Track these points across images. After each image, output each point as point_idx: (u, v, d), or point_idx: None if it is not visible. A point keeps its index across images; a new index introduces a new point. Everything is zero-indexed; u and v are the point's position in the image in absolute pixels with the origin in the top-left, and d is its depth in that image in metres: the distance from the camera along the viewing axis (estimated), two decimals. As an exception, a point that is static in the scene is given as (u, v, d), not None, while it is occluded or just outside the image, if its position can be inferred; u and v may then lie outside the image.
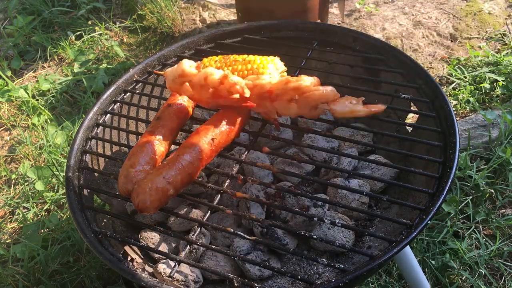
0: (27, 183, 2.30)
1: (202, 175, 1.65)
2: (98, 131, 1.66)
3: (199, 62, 1.35)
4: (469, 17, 3.12)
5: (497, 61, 2.79)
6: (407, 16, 3.15)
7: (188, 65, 1.34)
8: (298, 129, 1.70)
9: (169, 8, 3.18)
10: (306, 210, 1.43)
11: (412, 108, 1.66)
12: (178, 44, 1.91)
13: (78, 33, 3.18)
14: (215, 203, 1.39)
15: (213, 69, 1.34)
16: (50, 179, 2.29)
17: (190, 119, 1.69)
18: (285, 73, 1.64)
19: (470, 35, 3.01)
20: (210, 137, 1.40)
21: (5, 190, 2.33)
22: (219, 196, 1.40)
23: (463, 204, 2.11)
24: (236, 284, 1.20)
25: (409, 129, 1.71)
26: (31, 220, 2.15)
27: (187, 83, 1.38)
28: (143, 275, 1.24)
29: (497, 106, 2.53)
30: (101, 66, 2.90)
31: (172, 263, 1.32)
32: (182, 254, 1.31)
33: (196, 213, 1.52)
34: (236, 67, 1.58)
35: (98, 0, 3.36)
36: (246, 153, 1.50)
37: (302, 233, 1.25)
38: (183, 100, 1.55)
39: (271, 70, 1.56)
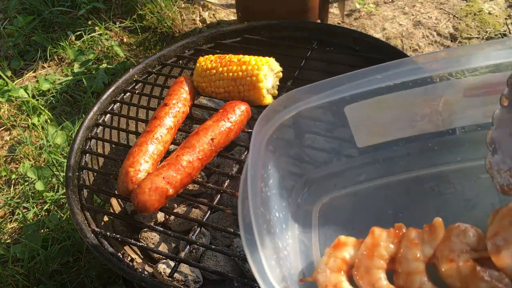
0: (27, 183, 2.30)
1: (202, 175, 1.65)
2: (98, 131, 1.66)
3: None
4: (469, 17, 3.12)
5: (497, 61, 2.79)
6: (407, 16, 3.15)
7: None
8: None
9: (169, 8, 3.18)
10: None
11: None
12: (178, 44, 1.92)
13: (78, 33, 3.17)
14: (215, 203, 1.39)
15: None
16: (50, 179, 2.28)
17: (190, 119, 1.69)
18: (281, 74, 1.65)
19: (470, 35, 3.01)
20: (210, 137, 1.41)
21: (5, 190, 2.32)
22: (219, 196, 1.40)
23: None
24: (236, 284, 1.20)
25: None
26: (31, 220, 2.15)
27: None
28: (143, 275, 1.24)
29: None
30: (101, 66, 2.90)
31: (172, 263, 1.32)
32: (182, 254, 1.31)
33: (196, 213, 1.52)
34: (231, 67, 1.59)
35: (98, 0, 3.36)
36: (246, 153, 1.50)
37: (302, 233, 1.25)
38: (179, 99, 1.56)
39: (265, 71, 1.56)
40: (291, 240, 1.08)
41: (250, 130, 1.55)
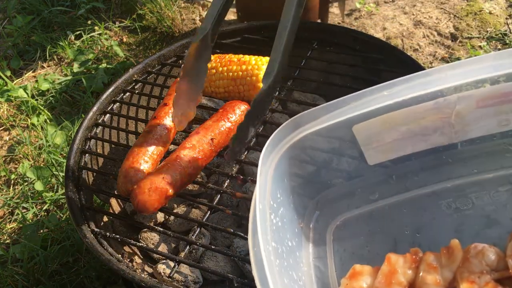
0: (26, 183, 2.30)
1: (202, 175, 1.65)
2: (97, 131, 1.65)
3: None
4: (470, 16, 3.12)
5: (498, 61, 2.78)
6: (407, 16, 3.15)
7: None
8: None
9: (169, 8, 3.17)
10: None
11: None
12: (177, 44, 1.91)
13: (78, 32, 3.17)
14: (215, 203, 1.38)
15: None
16: (49, 179, 2.28)
17: (190, 119, 1.68)
18: None
19: (471, 34, 3.01)
20: (210, 137, 1.40)
21: (4, 190, 2.32)
22: (219, 196, 1.40)
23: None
24: (236, 285, 1.20)
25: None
26: (30, 221, 2.15)
27: None
28: (143, 275, 1.23)
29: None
30: (100, 66, 2.89)
31: (171, 264, 1.32)
32: (182, 254, 1.31)
33: (196, 213, 1.52)
34: (231, 67, 1.58)
35: (97, -1, 3.35)
36: (246, 153, 1.50)
37: (303, 233, 1.24)
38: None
39: None
40: (306, 267, 1.04)
41: (250, 130, 1.55)
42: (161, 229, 1.36)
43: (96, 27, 3.18)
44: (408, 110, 0.98)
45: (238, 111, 1.49)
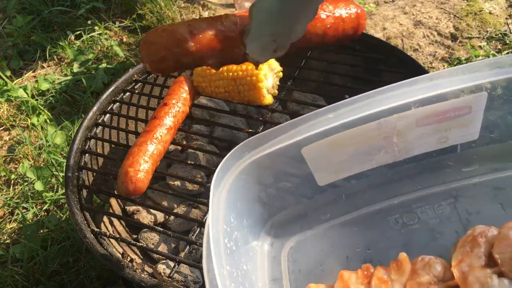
0: (26, 183, 2.30)
1: (202, 175, 1.65)
2: (97, 131, 1.65)
3: None
4: (470, 16, 3.12)
5: (498, 61, 2.78)
6: (407, 16, 3.15)
7: None
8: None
9: (169, 8, 3.17)
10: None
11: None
12: (177, 43, 1.90)
13: (78, 32, 3.17)
14: (215, 203, 1.38)
15: None
16: (49, 179, 2.28)
17: (190, 118, 1.68)
18: (281, 73, 1.64)
19: (471, 34, 3.01)
20: None
21: (4, 190, 2.32)
22: (219, 196, 1.39)
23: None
24: (236, 285, 1.20)
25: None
26: (30, 221, 2.15)
27: None
28: (143, 275, 1.23)
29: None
30: (100, 66, 2.89)
31: (171, 264, 1.32)
32: (182, 254, 1.31)
33: (196, 213, 1.52)
34: (231, 67, 1.58)
35: (97, -1, 3.35)
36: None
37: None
38: (179, 99, 1.55)
39: (265, 71, 1.55)
40: None
41: (251, 130, 1.55)
42: (161, 229, 1.36)
43: (96, 27, 3.18)
44: (353, 131, 1.01)
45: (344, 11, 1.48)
